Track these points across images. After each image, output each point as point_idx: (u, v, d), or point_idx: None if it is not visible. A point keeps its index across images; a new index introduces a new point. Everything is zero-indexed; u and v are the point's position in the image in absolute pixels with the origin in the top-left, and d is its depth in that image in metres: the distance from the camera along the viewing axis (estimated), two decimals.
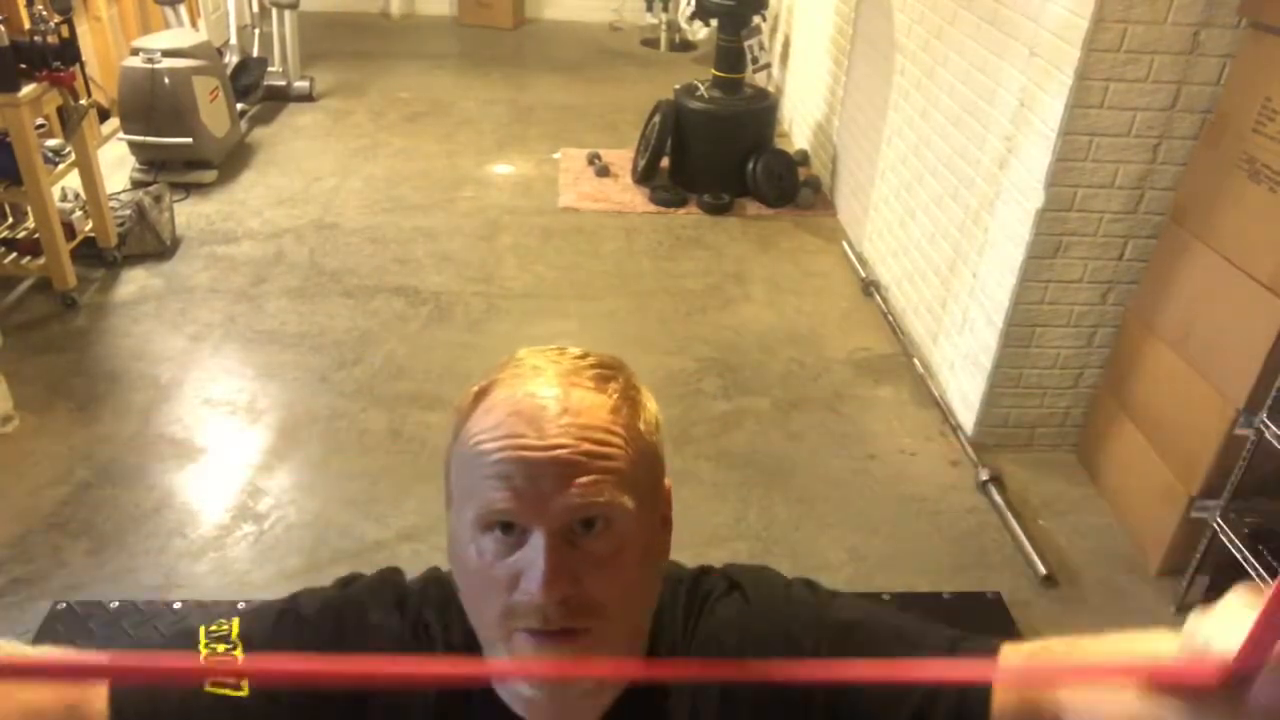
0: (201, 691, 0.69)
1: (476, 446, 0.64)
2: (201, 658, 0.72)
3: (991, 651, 0.71)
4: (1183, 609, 2.32)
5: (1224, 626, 0.48)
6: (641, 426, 0.67)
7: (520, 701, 0.70)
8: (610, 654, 0.65)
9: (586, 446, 0.63)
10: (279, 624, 0.75)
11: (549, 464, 0.62)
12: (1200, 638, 0.49)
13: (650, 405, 0.70)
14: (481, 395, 0.67)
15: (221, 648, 0.72)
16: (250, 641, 0.73)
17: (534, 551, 0.61)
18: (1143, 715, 0.54)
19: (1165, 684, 0.50)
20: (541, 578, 0.60)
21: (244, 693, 0.70)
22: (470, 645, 0.71)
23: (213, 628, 0.74)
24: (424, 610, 0.76)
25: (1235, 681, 0.46)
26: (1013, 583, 2.41)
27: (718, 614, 0.77)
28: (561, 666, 0.63)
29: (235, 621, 0.75)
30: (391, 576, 0.81)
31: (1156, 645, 0.55)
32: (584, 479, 0.62)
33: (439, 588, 0.78)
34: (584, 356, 0.68)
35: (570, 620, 0.62)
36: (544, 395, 0.64)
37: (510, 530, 0.63)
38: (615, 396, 0.66)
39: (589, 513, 0.62)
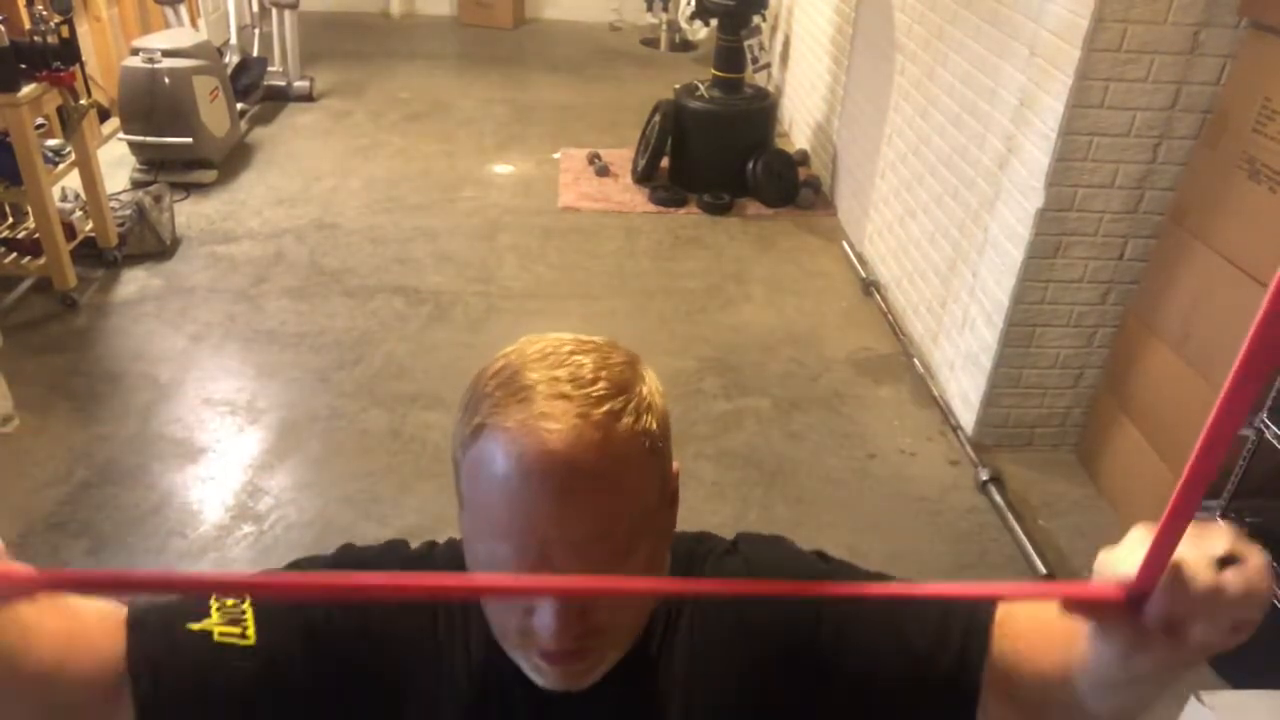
0: (211, 643, 0.70)
1: (485, 495, 0.63)
2: (212, 609, 0.72)
3: (987, 613, 0.75)
4: None
5: (1126, 555, 0.54)
6: (648, 445, 0.65)
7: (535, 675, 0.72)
8: (617, 650, 0.70)
9: (602, 514, 0.63)
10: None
11: (561, 541, 0.62)
12: (1107, 565, 0.55)
13: (658, 402, 0.68)
14: (484, 431, 0.63)
15: (230, 601, 0.73)
16: (259, 603, 0.74)
17: (544, 606, 0.63)
18: (1077, 643, 0.61)
19: (1076, 603, 0.56)
20: (551, 631, 0.63)
21: (251, 640, 0.71)
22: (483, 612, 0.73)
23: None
24: (433, 568, 0.78)
25: (1133, 598, 0.53)
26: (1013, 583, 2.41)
27: (724, 569, 0.79)
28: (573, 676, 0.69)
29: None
30: (397, 544, 0.83)
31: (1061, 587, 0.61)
32: (597, 552, 0.63)
33: (445, 553, 0.80)
34: (595, 380, 0.63)
35: (581, 643, 0.66)
36: (556, 460, 0.61)
37: None
38: (626, 435, 0.63)
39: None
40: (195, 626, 0.71)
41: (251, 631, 0.71)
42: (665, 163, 4.62)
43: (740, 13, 4.43)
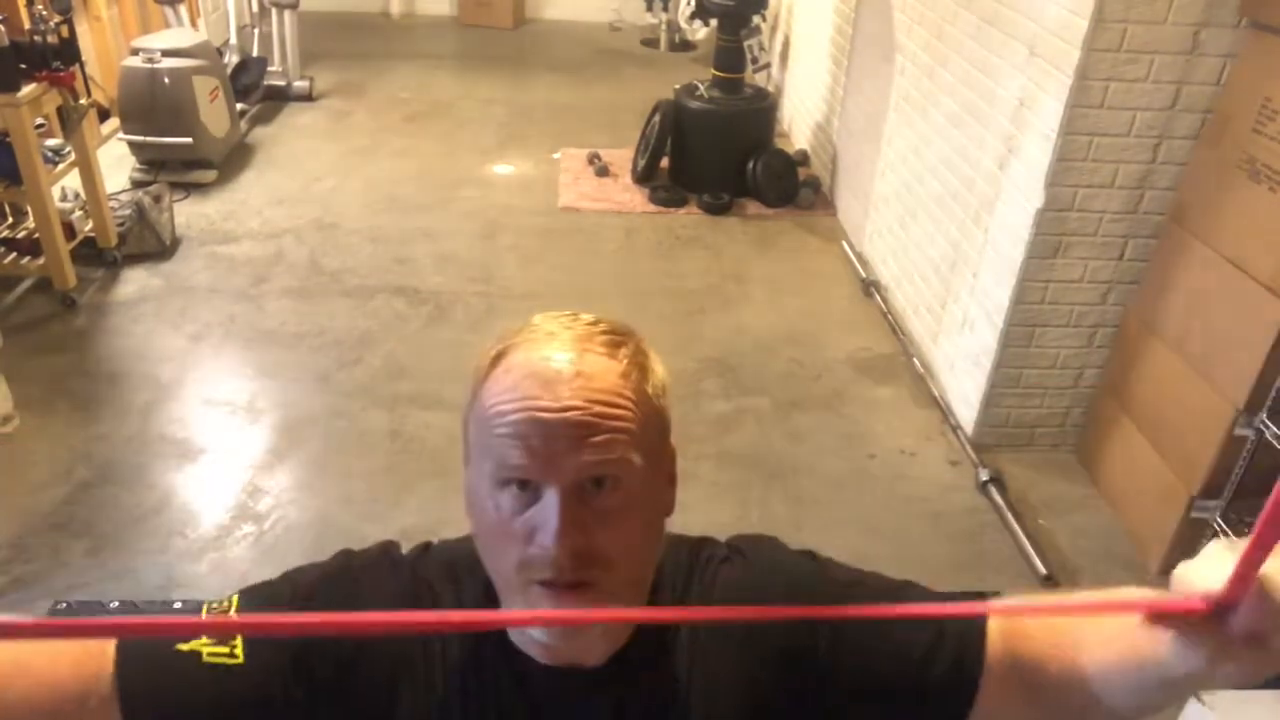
0: (200, 664, 0.71)
1: (494, 407, 0.67)
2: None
3: (982, 599, 0.76)
4: None
5: (1209, 567, 0.56)
6: (649, 390, 0.70)
7: (537, 647, 0.73)
8: (615, 603, 0.69)
9: (598, 409, 0.66)
10: (275, 596, 0.76)
11: (563, 425, 0.64)
12: (1189, 577, 0.56)
13: (658, 369, 0.74)
14: (499, 358, 0.69)
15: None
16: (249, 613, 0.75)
17: (548, 507, 0.65)
18: (1138, 647, 0.61)
19: (1161, 615, 0.57)
20: (555, 531, 0.64)
21: (239, 659, 0.71)
22: (486, 600, 0.74)
23: (213, 604, 0.76)
24: (425, 572, 0.79)
25: (1221, 610, 0.53)
26: (1013, 583, 2.41)
27: (721, 575, 0.80)
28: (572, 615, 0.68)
29: (234, 598, 0.76)
30: (389, 546, 0.83)
31: (1131, 593, 0.62)
32: (596, 439, 0.65)
33: (439, 553, 0.81)
34: (596, 323, 0.71)
35: (580, 573, 0.65)
36: (558, 359, 0.67)
37: (526, 487, 0.66)
38: (625, 361, 0.69)
39: (600, 471, 0.65)
40: (184, 647, 0.71)
41: (240, 650, 0.71)
42: (665, 163, 4.62)
43: (740, 13, 4.43)
